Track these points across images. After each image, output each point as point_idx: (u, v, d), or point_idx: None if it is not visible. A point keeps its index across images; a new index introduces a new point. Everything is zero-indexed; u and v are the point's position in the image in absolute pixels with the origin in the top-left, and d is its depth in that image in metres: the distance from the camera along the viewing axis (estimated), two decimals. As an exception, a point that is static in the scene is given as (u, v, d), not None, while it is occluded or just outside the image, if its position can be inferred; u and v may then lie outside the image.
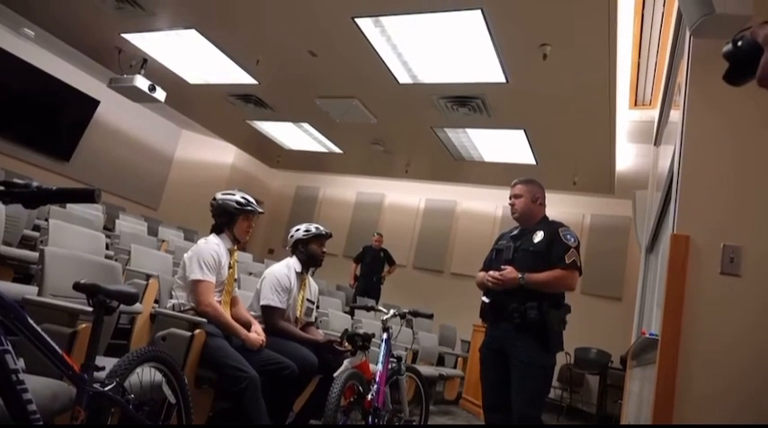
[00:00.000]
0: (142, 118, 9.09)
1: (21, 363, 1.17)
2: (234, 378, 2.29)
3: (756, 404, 1.91)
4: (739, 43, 0.99)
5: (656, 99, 5.04)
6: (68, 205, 4.83)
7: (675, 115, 2.93)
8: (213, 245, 2.68)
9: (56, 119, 7.75)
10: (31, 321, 1.24)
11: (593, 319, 7.02)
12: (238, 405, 2.26)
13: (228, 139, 9.83)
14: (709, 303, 2.04)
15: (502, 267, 2.56)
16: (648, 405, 2.33)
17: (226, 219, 2.77)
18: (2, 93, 7.00)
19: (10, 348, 1.13)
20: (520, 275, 2.47)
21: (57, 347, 1.32)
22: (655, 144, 4.96)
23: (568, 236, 2.57)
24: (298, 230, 3.29)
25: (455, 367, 6.63)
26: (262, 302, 3.06)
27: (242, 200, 2.77)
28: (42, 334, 1.27)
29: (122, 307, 1.65)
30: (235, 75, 6.59)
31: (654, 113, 5.06)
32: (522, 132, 6.69)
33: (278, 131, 8.76)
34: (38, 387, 1.39)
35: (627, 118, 5.84)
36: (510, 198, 2.77)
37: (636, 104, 5.68)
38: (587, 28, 4.33)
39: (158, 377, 1.81)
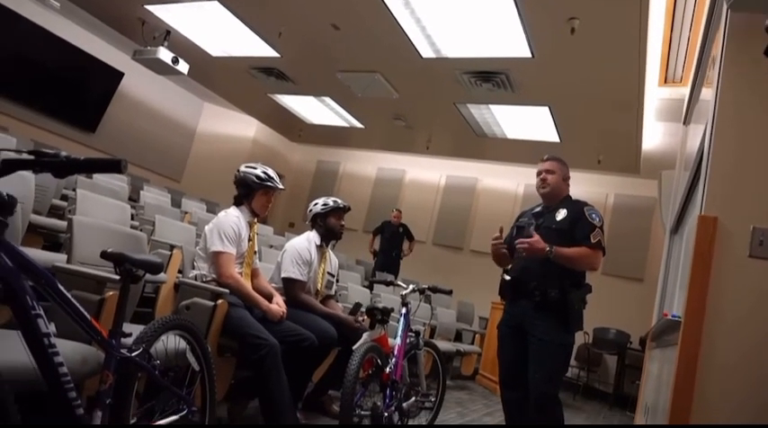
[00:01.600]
0: (166, 90, 9.15)
1: (52, 328, 1.21)
2: (255, 345, 2.33)
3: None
4: (783, 16, 0.95)
5: (687, 76, 4.88)
6: (95, 176, 4.92)
7: (707, 93, 2.83)
8: (233, 218, 2.71)
9: (82, 90, 7.83)
10: (61, 287, 1.27)
11: (613, 300, 6.97)
12: (259, 372, 2.30)
13: (250, 113, 9.86)
14: (736, 287, 2.00)
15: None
16: (668, 386, 2.31)
17: (246, 192, 2.79)
18: (29, 65, 7.09)
19: (42, 313, 1.16)
20: (548, 247, 2.42)
21: (86, 313, 1.35)
22: (684, 123, 4.82)
23: (594, 216, 2.54)
24: (316, 204, 3.31)
25: (472, 343, 6.67)
26: (282, 274, 3.10)
27: (262, 175, 2.77)
28: (72, 299, 1.31)
29: (147, 276, 1.69)
30: (257, 47, 6.56)
31: (684, 91, 4.91)
32: (546, 109, 6.56)
33: (299, 105, 8.74)
34: (68, 350, 1.44)
35: (656, 95, 5.68)
36: (540, 172, 2.69)
37: (666, 82, 5.51)
38: (618, 0, 4.18)
39: (182, 344, 1.86)
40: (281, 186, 2.86)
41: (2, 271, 1.09)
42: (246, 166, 2.82)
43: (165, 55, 6.35)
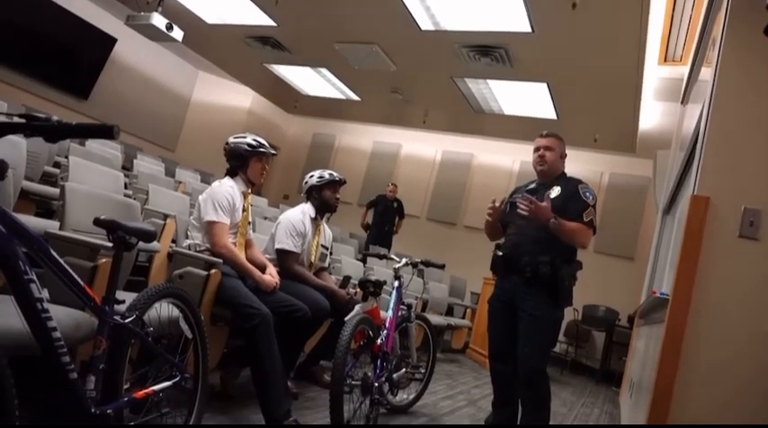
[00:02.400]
0: (160, 58, 9.00)
1: (45, 294, 1.21)
2: (247, 315, 2.35)
3: (765, 375, 1.92)
4: (785, -5, 0.94)
5: (687, 55, 4.85)
6: (87, 144, 4.87)
7: (707, 73, 2.82)
8: (227, 187, 2.70)
9: (74, 56, 7.69)
10: (54, 253, 1.27)
11: (603, 277, 7.05)
12: (251, 341, 2.32)
13: (246, 83, 9.72)
14: (725, 266, 2.03)
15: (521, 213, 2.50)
16: (653, 363, 2.36)
17: (239, 163, 2.77)
18: (20, 29, 6.93)
19: (35, 278, 1.16)
20: (554, 216, 2.41)
21: (79, 279, 1.36)
22: (682, 102, 4.81)
23: (588, 194, 2.54)
24: (312, 176, 3.30)
25: (463, 317, 6.76)
26: (276, 246, 3.11)
27: (253, 142, 2.76)
28: (65, 265, 1.31)
29: (141, 244, 1.69)
30: (253, 15, 6.44)
31: (684, 70, 4.88)
32: (544, 85, 6.52)
33: (296, 76, 8.63)
34: (61, 316, 1.44)
35: (655, 74, 5.64)
36: (538, 148, 2.67)
37: (666, 60, 5.47)
38: (621, -24, 4.12)
39: (176, 312, 1.87)
40: (272, 151, 2.85)
41: (-6, 235, 1.09)
42: (235, 137, 2.80)
43: (158, 21, 6.21)
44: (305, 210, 3.25)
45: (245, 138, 2.78)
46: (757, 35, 0.95)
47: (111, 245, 1.54)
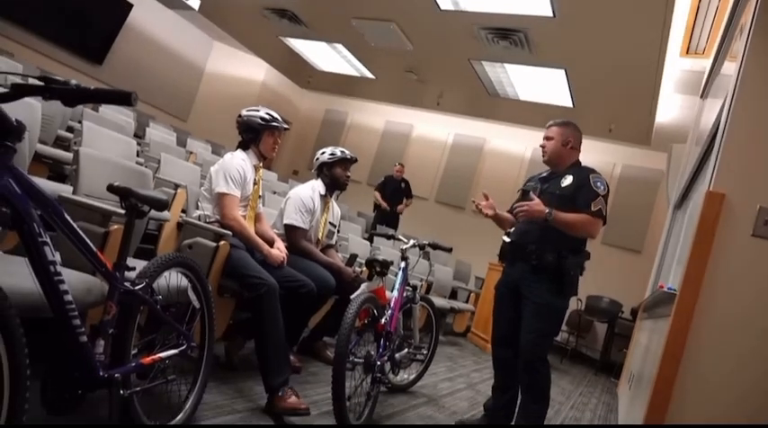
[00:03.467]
0: (175, 26, 8.94)
1: (57, 257, 1.22)
2: (254, 285, 2.36)
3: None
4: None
5: (710, 47, 4.74)
6: (101, 109, 4.87)
7: (730, 67, 2.76)
8: (239, 160, 2.69)
9: (89, 20, 7.65)
10: (68, 217, 1.28)
11: (609, 269, 7.04)
12: (256, 309, 2.34)
13: (260, 55, 9.66)
14: (736, 264, 2.01)
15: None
16: (655, 356, 2.36)
17: (252, 136, 2.76)
18: (36, -11, 6.90)
19: (48, 241, 1.17)
20: (547, 210, 2.41)
21: (91, 244, 1.37)
22: (701, 96, 4.73)
23: (599, 183, 2.51)
24: (323, 153, 3.29)
25: (467, 301, 6.78)
26: (285, 221, 3.12)
27: (266, 116, 2.75)
28: (78, 230, 1.32)
29: (152, 213, 1.70)
30: (271, -13, 6.37)
31: (705, 63, 4.78)
32: (562, 72, 6.43)
33: (311, 50, 8.56)
34: (73, 280, 1.46)
35: (677, 66, 5.53)
36: (543, 139, 2.70)
37: (688, 52, 5.35)
38: (649, -37, 4.02)
39: (184, 282, 1.89)
40: (285, 125, 2.84)
41: (11, 196, 1.10)
42: (249, 110, 2.78)
43: (176, -12, 6.17)
44: (315, 187, 3.25)
45: (258, 111, 2.77)
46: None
47: (123, 211, 1.54)
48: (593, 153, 7.50)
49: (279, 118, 2.81)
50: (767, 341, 1.93)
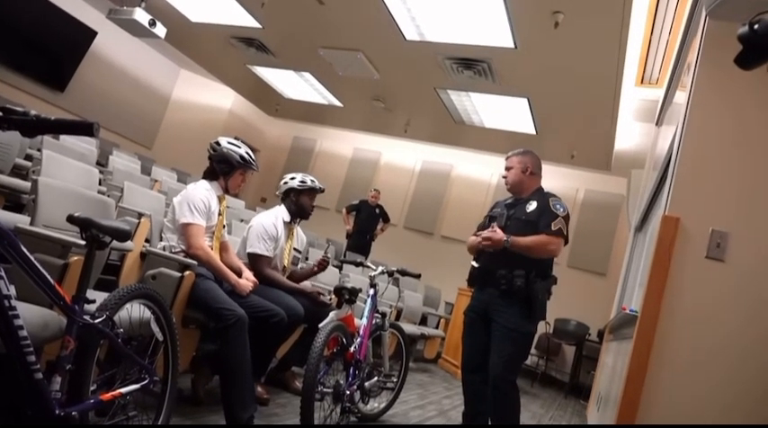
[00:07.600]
0: (141, 53, 8.86)
1: (12, 290, 1.18)
2: (222, 316, 2.31)
3: (725, 387, 1.97)
4: (756, 26, 0.98)
5: (663, 78, 4.98)
6: (62, 137, 4.77)
7: (681, 96, 2.90)
8: (203, 190, 2.66)
9: (52, 47, 7.52)
10: (24, 249, 1.24)
11: (575, 292, 7.16)
12: (224, 341, 2.29)
13: (228, 83, 9.64)
14: (691, 285, 2.09)
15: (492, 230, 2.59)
16: (621, 377, 2.41)
17: (226, 169, 2.74)
18: (-3, 16, 6.77)
19: (3, 274, 1.14)
20: (505, 237, 2.51)
21: (49, 277, 1.33)
22: (656, 124, 4.94)
23: (558, 206, 2.61)
24: (293, 179, 3.27)
25: (437, 327, 6.77)
26: (248, 250, 3.08)
27: (246, 157, 2.74)
28: (35, 262, 1.28)
29: (114, 243, 1.66)
30: (239, 16, 6.41)
31: (659, 92, 5.02)
32: (525, 100, 6.62)
33: (278, 79, 8.60)
34: (29, 314, 1.41)
35: (633, 95, 5.78)
36: (504, 169, 2.83)
37: (642, 82, 5.60)
38: (603, -2, 4.23)
39: (147, 314, 1.84)
40: (255, 168, 2.83)
41: (-38, 229, 1.06)
42: (230, 142, 2.75)
43: (141, 16, 6.14)
44: (278, 214, 3.23)
45: (239, 148, 2.75)
46: (730, 62, 0.98)
47: (83, 242, 1.51)
48: (556, 178, 7.72)
49: (255, 160, 2.81)
50: (724, 358, 2.00)
